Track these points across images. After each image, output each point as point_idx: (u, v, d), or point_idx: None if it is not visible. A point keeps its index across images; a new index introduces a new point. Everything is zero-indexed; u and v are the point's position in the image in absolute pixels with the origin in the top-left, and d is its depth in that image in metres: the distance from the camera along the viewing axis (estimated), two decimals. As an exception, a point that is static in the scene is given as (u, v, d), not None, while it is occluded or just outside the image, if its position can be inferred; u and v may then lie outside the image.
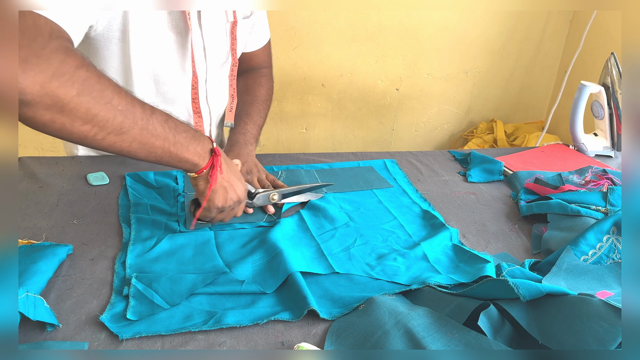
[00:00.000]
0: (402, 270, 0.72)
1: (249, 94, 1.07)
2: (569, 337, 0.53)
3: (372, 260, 0.74)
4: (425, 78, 2.15)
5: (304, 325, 0.61)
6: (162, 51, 0.88)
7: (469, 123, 2.31)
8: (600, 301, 0.55)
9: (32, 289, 0.59)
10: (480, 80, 2.21)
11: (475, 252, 0.76)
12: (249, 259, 0.72)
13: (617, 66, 1.14)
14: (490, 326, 0.58)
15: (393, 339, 0.56)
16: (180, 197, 0.87)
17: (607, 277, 0.72)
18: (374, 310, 0.62)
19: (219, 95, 1.05)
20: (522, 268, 0.70)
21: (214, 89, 1.02)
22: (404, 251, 0.76)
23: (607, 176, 0.99)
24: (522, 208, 0.90)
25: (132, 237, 0.75)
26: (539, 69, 2.25)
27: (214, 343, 0.57)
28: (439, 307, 0.63)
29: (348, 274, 0.71)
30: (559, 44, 2.21)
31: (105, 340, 0.56)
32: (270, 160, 1.07)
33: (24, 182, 0.89)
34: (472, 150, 1.15)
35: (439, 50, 2.10)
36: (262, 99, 1.08)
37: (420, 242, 0.78)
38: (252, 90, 1.08)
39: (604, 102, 1.17)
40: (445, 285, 0.67)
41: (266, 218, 0.83)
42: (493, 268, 0.70)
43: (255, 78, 1.10)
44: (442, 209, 0.91)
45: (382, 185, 0.98)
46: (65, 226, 0.77)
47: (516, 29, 2.12)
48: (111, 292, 0.64)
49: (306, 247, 0.77)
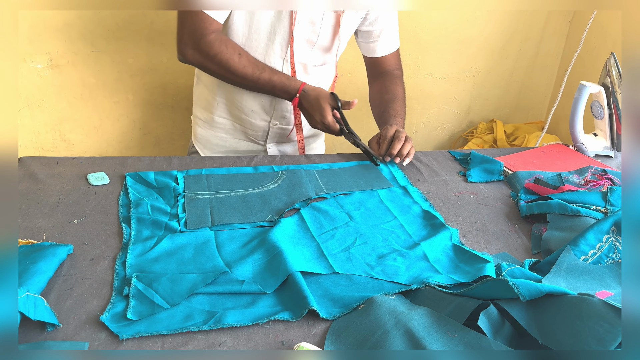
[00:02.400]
0: (402, 270, 0.72)
1: (389, 93, 1.24)
2: (569, 337, 0.53)
3: (372, 260, 0.74)
4: (425, 78, 2.15)
5: (304, 325, 0.61)
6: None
7: (468, 123, 2.31)
8: (600, 301, 0.55)
9: (33, 288, 0.59)
10: (480, 80, 2.21)
11: (475, 252, 0.76)
12: (249, 259, 0.72)
13: (617, 66, 1.14)
14: (490, 326, 0.58)
15: (393, 339, 0.56)
16: (180, 198, 0.87)
17: (606, 277, 0.72)
18: (374, 310, 0.62)
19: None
20: (522, 268, 0.70)
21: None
22: (404, 251, 0.76)
23: (606, 176, 0.99)
24: (522, 208, 0.90)
25: (133, 237, 0.75)
26: (538, 69, 2.25)
27: (214, 343, 0.57)
28: (439, 307, 0.63)
29: (348, 274, 0.71)
30: (559, 44, 2.21)
31: (105, 340, 0.56)
32: (270, 161, 1.07)
33: (24, 182, 0.89)
34: (472, 150, 1.15)
35: (439, 51, 2.10)
36: (401, 97, 1.24)
37: (420, 242, 0.78)
38: (392, 90, 1.24)
39: (603, 102, 1.17)
40: (445, 285, 0.67)
41: (268, 217, 0.83)
42: (493, 268, 0.70)
43: (391, 79, 1.27)
44: (442, 209, 0.91)
45: (382, 184, 0.98)
46: (65, 226, 0.77)
47: (516, 29, 2.12)
48: (111, 292, 0.64)
49: (306, 247, 0.77)
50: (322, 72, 1.22)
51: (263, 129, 1.22)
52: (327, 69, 1.23)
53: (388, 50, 1.25)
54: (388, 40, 1.24)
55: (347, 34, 1.19)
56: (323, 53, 1.18)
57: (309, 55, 1.16)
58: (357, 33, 1.24)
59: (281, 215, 0.84)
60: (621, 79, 1.13)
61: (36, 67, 1.70)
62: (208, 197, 0.88)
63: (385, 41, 1.23)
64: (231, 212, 0.84)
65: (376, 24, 1.20)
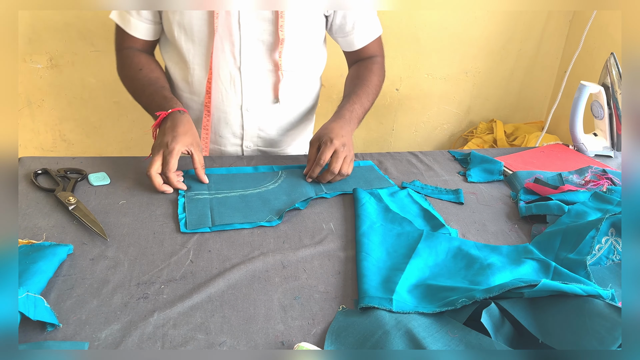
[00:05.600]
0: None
1: (359, 78, 1.13)
2: (570, 336, 0.53)
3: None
4: (425, 78, 2.15)
5: (304, 325, 0.61)
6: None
7: (468, 123, 2.31)
8: (601, 301, 0.55)
9: (33, 288, 0.59)
10: (480, 80, 2.21)
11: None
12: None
13: (617, 66, 1.14)
14: (492, 324, 0.58)
15: (393, 339, 0.56)
16: (180, 197, 0.87)
17: (606, 278, 0.72)
18: (374, 310, 0.62)
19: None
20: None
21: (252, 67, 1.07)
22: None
23: (606, 176, 0.99)
24: (522, 209, 0.90)
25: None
26: (538, 69, 2.25)
27: (214, 343, 0.57)
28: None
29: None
30: (558, 44, 2.21)
31: (105, 340, 0.56)
32: (270, 161, 1.07)
33: (24, 182, 0.89)
34: (472, 150, 1.15)
35: (439, 50, 2.10)
36: (372, 85, 1.13)
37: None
38: (364, 76, 1.14)
39: (603, 102, 1.17)
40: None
41: (268, 217, 0.83)
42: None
43: (367, 65, 1.16)
44: (442, 209, 0.91)
45: (382, 184, 0.98)
46: (65, 226, 0.77)
47: (516, 29, 2.12)
48: (111, 291, 0.64)
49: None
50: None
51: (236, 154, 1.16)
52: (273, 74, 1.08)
53: (367, 39, 1.15)
54: (365, 29, 1.13)
55: (294, 27, 1.04)
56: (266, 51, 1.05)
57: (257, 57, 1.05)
58: (332, 31, 1.14)
59: (281, 215, 0.84)
60: (621, 79, 1.13)
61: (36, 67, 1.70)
62: (208, 197, 0.88)
63: (361, 31, 1.13)
64: (231, 212, 0.84)
65: (348, 16, 1.09)
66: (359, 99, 1.08)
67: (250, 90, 1.07)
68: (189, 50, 1.04)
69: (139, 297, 0.63)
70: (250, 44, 1.03)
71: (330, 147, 0.94)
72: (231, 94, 1.07)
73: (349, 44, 1.15)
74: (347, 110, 1.04)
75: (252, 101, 1.09)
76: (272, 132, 1.15)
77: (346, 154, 0.95)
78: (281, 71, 1.06)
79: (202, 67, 1.05)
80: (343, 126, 0.99)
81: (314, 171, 0.95)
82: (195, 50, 1.04)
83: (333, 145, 0.94)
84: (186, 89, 1.10)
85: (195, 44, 1.03)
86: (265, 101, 1.10)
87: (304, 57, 1.10)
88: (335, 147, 0.94)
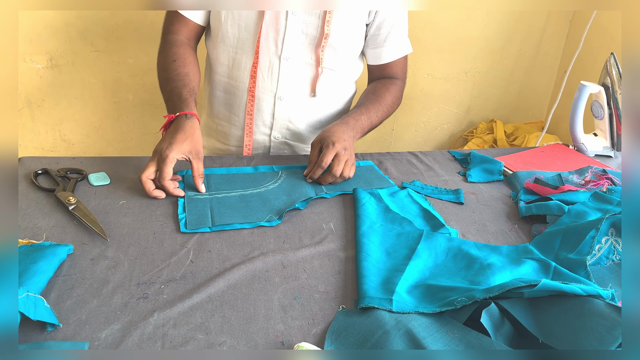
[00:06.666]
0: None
1: (374, 94, 1.15)
2: (570, 335, 0.53)
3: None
4: (425, 78, 2.15)
5: (304, 325, 0.61)
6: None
7: (468, 123, 2.31)
8: (602, 300, 0.55)
9: (33, 288, 0.59)
10: (480, 80, 2.21)
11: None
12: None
13: (617, 66, 1.14)
14: (492, 325, 0.58)
15: (393, 339, 0.56)
16: (180, 198, 0.87)
17: (606, 278, 0.72)
18: (374, 310, 0.62)
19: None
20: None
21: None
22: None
23: (606, 176, 0.99)
24: (522, 209, 0.90)
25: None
26: (538, 69, 2.25)
27: (214, 343, 0.57)
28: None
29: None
30: (558, 44, 2.21)
31: (105, 340, 0.56)
32: (270, 161, 1.07)
33: (24, 182, 0.89)
34: (472, 150, 1.15)
35: (439, 51, 2.10)
36: (385, 103, 1.14)
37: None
38: (379, 93, 1.15)
39: (603, 102, 1.17)
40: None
41: (268, 217, 0.83)
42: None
43: (385, 84, 1.17)
44: (442, 209, 0.91)
45: (382, 184, 0.98)
46: (65, 226, 0.77)
47: (516, 29, 2.12)
48: (111, 291, 0.64)
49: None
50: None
51: (264, 145, 1.18)
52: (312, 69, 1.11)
53: (396, 55, 1.16)
54: (395, 45, 1.15)
55: (342, 25, 1.06)
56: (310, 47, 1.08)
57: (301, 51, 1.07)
58: (364, 41, 1.15)
59: (281, 215, 0.84)
60: (621, 79, 1.13)
61: (36, 67, 1.70)
62: (208, 197, 0.88)
63: (392, 46, 1.14)
64: (231, 212, 0.84)
65: (383, 28, 1.12)
66: (368, 112, 1.10)
67: (286, 79, 1.09)
68: (234, 35, 1.06)
69: (139, 297, 0.63)
70: (294, 35, 1.05)
71: (332, 150, 0.94)
72: (267, 81, 1.09)
73: (377, 56, 1.16)
74: (352, 118, 1.06)
75: (286, 91, 1.11)
76: (301, 126, 1.17)
77: (347, 157, 0.96)
78: (321, 66, 1.09)
79: (244, 51, 1.07)
80: (345, 131, 1.00)
81: (315, 173, 0.95)
82: (240, 35, 1.06)
83: (335, 149, 0.95)
84: (226, 74, 1.12)
85: (241, 29, 1.05)
86: (299, 93, 1.12)
87: (344, 58, 1.13)
88: (337, 150, 0.95)
